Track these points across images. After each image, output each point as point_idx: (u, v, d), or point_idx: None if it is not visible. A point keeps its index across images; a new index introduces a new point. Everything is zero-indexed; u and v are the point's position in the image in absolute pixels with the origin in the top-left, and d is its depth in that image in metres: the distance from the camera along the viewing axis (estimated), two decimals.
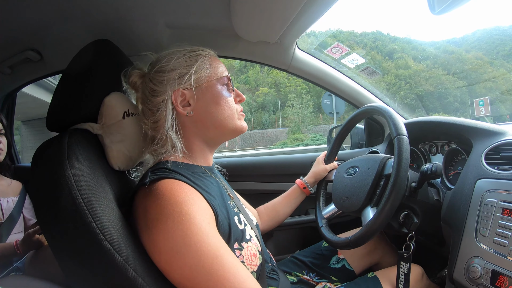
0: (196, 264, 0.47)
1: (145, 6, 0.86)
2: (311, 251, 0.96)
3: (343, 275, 0.91)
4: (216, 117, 0.63)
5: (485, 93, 26.23)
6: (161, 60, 0.63)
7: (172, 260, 0.48)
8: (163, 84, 0.61)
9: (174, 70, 0.61)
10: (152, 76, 0.62)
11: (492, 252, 0.63)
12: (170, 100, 0.61)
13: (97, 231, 0.46)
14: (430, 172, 0.71)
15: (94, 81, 0.61)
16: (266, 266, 0.73)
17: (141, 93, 0.65)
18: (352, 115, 0.93)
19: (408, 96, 27.95)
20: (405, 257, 0.76)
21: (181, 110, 0.61)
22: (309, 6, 0.79)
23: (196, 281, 0.47)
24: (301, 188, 0.96)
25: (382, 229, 0.69)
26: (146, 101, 0.63)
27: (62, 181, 0.47)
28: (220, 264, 0.48)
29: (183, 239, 0.47)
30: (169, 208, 0.49)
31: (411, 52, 33.73)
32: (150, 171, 0.57)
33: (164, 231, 0.48)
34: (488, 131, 0.81)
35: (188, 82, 0.61)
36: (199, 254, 0.47)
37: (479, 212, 0.68)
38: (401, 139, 0.70)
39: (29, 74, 1.19)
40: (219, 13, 0.90)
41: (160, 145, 0.61)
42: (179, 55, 0.63)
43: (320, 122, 27.14)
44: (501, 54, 30.73)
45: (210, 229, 0.51)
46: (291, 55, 1.09)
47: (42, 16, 0.85)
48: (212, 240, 0.49)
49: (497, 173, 0.70)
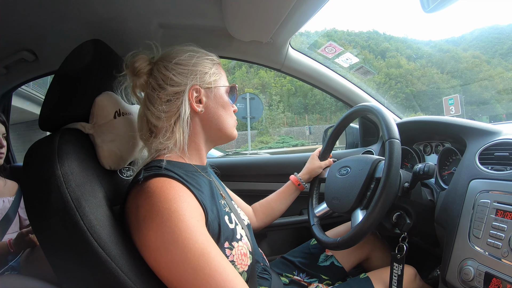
0: (183, 261, 0.47)
1: (138, 6, 0.86)
2: (300, 250, 0.95)
3: (333, 273, 0.90)
4: (221, 120, 0.65)
5: (480, 91, 25.57)
6: (178, 54, 0.62)
7: (161, 257, 0.48)
8: (184, 76, 0.61)
9: (197, 66, 0.62)
10: (171, 66, 0.61)
11: (485, 254, 0.62)
12: (187, 93, 0.60)
13: (84, 230, 0.46)
14: (422, 172, 0.69)
15: (86, 81, 0.61)
16: (258, 266, 0.73)
17: (149, 79, 0.63)
18: (345, 114, 0.92)
19: (398, 96, 27.35)
20: (398, 258, 0.75)
21: (195, 106, 0.62)
22: (300, 5, 0.79)
23: (183, 278, 0.47)
24: (296, 185, 0.94)
25: (371, 231, 0.68)
26: (157, 89, 0.61)
27: (52, 179, 0.48)
28: (207, 262, 0.48)
29: (171, 235, 0.48)
30: (158, 205, 0.49)
31: (406, 51, 32.85)
32: (143, 169, 0.56)
33: (154, 229, 0.48)
34: (482, 130, 0.80)
35: (208, 81, 0.63)
36: (186, 251, 0.47)
37: (473, 213, 0.67)
38: (392, 142, 0.68)
39: (25, 74, 1.19)
40: (211, 13, 0.89)
41: (166, 137, 0.59)
42: (199, 54, 0.64)
43: (305, 123, 26.24)
44: (499, 53, 30.02)
45: (198, 227, 0.51)
46: (284, 54, 1.08)
47: (37, 16, 0.85)
48: (199, 238, 0.49)
49: (491, 174, 0.69)
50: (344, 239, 0.69)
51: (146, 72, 0.63)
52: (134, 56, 0.63)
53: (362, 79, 1.15)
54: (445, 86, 27.48)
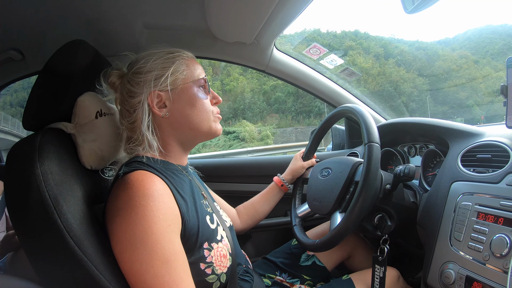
0: (146, 262, 0.47)
1: (122, 7, 0.84)
2: (281, 251, 0.93)
3: (315, 273, 0.87)
4: (191, 119, 0.62)
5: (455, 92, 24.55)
6: (138, 61, 0.61)
7: (126, 251, 0.48)
8: (140, 86, 0.60)
9: (151, 72, 0.60)
10: (130, 77, 0.61)
11: (466, 257, 0.60)
12: (146, 101, 0.59)
13: (61, 228, 0.46)
14: (403, 174, 0.67)
15: (69, 81, 0.60)
16: (239, 268, 0.71)
17: (119, 94, 0.64)
18: (328, 115, 0.89)
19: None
20: (380, 260, 0.73)
21: (157, 111, 0.60)
22: (282, 6, 0.76)
23: (142, 278, 0.47)
24: (279, 186, 0.92)
25: (349, 234, 0.66)
26: (124, 102, 0.62)
27: (32, 179, 0.48)
28: (168, 270, 0.48)
29: (141, 234, 0.47)
30: (135, 199, 0.48)
31: (376, 49, 30.01)
32: (124, 165, 0.56)
33: (126, 222, 0.48)
34: (465, 132, 0.77)
35: (165, 84, 0.60)
36: (152, 254, 0.47)
37: (454, 215, 0.65)
38: (371, 146, 0.65)
39: (12, 74, 1.16)
40: (194, 14, 0.87)
41: (136, 144, 0.60)
42: (156, 56, 0.61)
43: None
44: (490, 53, 29.30)
45: (169, 233, 0.50)
46: (268, 55, 1.06)
47: (24, 16, 0.83)
48: (167, 245, 0.49)
49: (473, 176, 0.67)
50: (322, 241, 0.67)
51: (118, 87, 0.63)
52: (107, 72, 0.63)
53: (347, 80, 1.12)
54: (407, 86, 25.07)
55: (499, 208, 0.57)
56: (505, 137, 0.68)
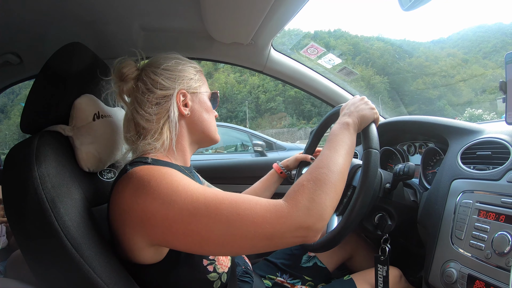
0: (198, 215, 0.45)
1: (119, 9, 0.84)
2: (282, 252, 0.92)
3: (316, 274, 0.86)
4: (206, 124, 0.67)
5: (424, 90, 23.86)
6: (166, 61, 0.63)
7: (172, 224, 0.45)
8: (172, 81, 0.62)
9: (182, 73, 0.64)
10: (159, 72, 0.62)
11: (468, 255, 0.59)
12: (175, 96, 0.61)
13: (59, 231, 0.46)
14: (402, 173, 0.66)
15: (66, 84, 0.60)
16: (238, 269, 0.70)
17: (138, 83, 0.62)
18: (327, 114, 0.88)
19: (275, 99, 24.59)
20: (382, 260, 0.72)
21: (182, 109, 0.62)
22: (279, 6, 0.75)
23: (208, 234, 0.45)
24: (278, 173, 0.95)
25: (345, 237, 0.65)
26: (146, 92, 0.61)
27: (29, 181, 0.48)
28: (220, 207, 0.46)
29: (171, 187, 0.47)
30: (149, 175, 0.48)
31: (344, 47, 29.04)
32: (128, 164, 0.55)
33: (149, 193, 0.46)
34: (464, 129, 0.76)
35: (193, 87, 0.64)
36: (189, 195, 0.46)
37: (455, 214, 0.64)
38: (369, 153, 0.63)
39: (9, 77, 1.16)
40: (191, 15, 0.87)
41: (154, 138, 0.59)
42: (184, 62, 0.65)
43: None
44: (483, 52, 28.99)
45: (193, 182, 0.50)
46: (266, 56, 1.05)
47: (21, 19, 0.83)
48: (202, 190, 0.48)
49: (473, 173, 0.65)
50: (318, 243, 0.66)
51: (133, 78, 0.62)
52: (121, 62, 0.62)
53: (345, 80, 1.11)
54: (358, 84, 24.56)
55: (500, 205, 0.56)
56: (505, 134, 0.66)
